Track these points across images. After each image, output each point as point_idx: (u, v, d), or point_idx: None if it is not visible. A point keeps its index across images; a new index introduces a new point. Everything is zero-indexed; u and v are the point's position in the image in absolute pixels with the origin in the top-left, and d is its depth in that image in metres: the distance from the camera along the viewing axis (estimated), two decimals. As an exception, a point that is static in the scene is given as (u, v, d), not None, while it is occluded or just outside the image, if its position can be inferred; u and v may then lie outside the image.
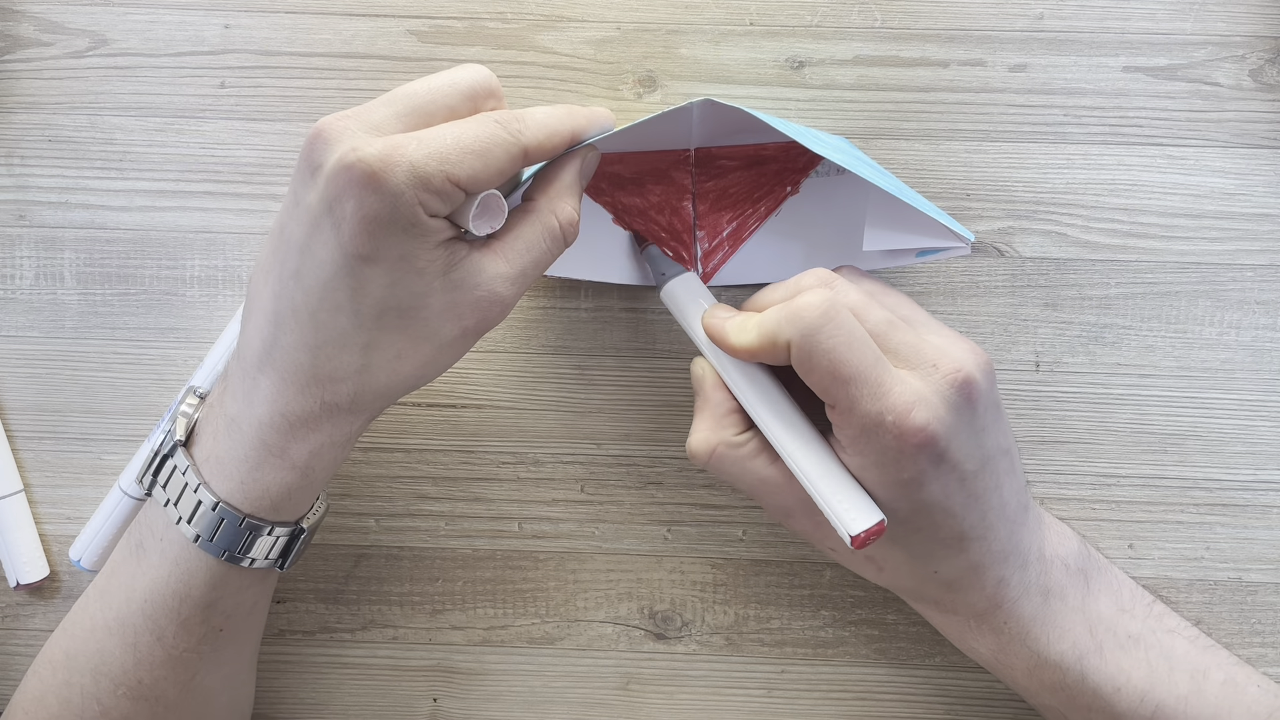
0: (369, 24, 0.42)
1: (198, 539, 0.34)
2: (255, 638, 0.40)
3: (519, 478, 0.43)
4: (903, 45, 0.42)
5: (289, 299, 0.32)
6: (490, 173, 0.32)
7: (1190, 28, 0.42)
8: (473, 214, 0.32)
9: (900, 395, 0.33)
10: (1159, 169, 0.42)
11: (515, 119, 0.33)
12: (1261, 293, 0.42)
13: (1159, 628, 0.38)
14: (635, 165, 0.41)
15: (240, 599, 0.36)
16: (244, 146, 0.43)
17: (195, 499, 0.34)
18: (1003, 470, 0.36)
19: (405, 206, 0.30)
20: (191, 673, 0.36)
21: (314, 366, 0.33)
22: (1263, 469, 0.43)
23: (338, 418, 0.34)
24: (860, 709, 0.44)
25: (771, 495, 0.37)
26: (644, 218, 0.42)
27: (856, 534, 0.33)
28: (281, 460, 0.34)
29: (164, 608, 0.35)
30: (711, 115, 0.38)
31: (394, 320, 0.32)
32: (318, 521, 0.38)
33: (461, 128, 0.32)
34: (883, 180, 0.37)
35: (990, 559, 0.36)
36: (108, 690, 0.36)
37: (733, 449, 0.36)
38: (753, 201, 0.42)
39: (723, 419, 0.37)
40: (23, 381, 0.43)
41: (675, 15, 0.42)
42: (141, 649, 0.36)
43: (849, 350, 0.33)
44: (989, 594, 0.37)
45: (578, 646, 0.44)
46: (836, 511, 0.34)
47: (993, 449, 0.36)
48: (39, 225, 0.43)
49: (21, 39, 0.42)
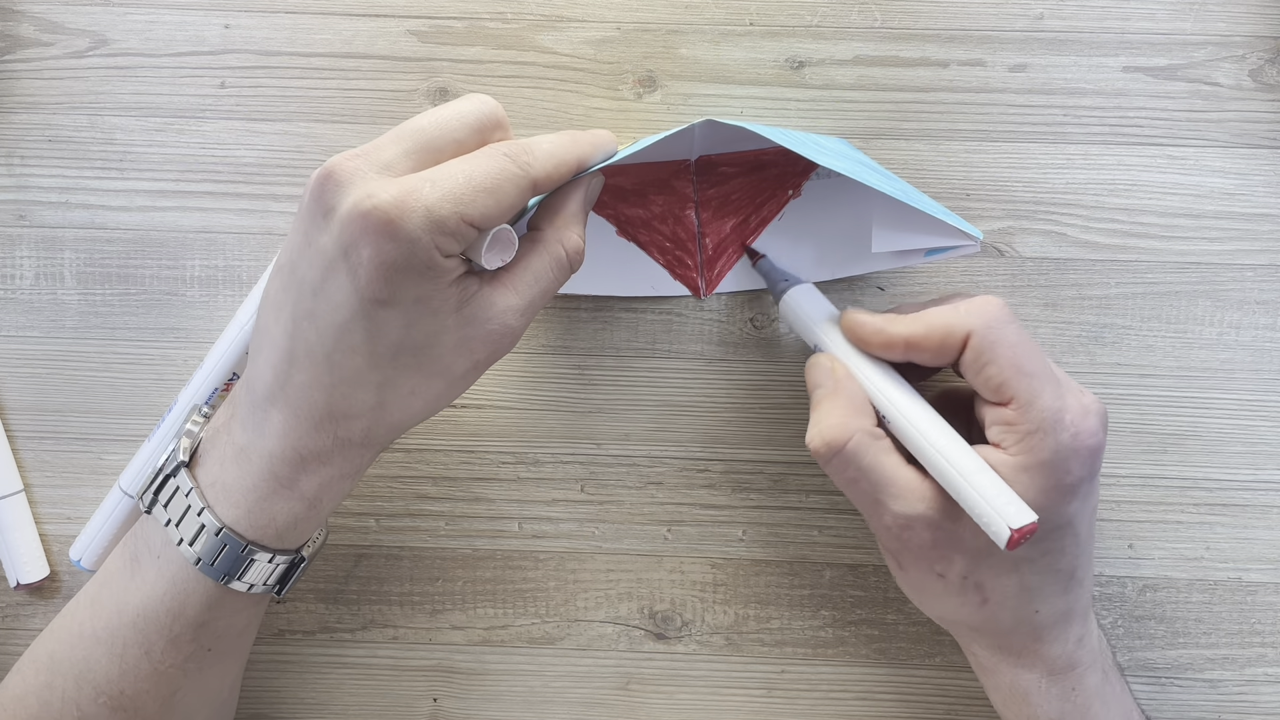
0: (369, 24, 0.42)
1: (198, 562, 0.34)
2: (241, 659, 0.40)
3: (519, 478, 0.43)
4: (903, 45, 0.42)
5: (303, 339, 0.32)
6: (502, 209, 0.32)
7: (1190, 28, 0.42)
8: (485, 249, 0.32)
9: (1078, 398, 0.34)
10: (1159, 169, 0.42)
11: (524, 151, 0.32)
12: (1261, 293, 0.42)
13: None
14: (637, 176, 0.41)
15: (233, 621, 0.36)
16: (244, 146, 0.43)
17: (199, 523, 0.34)
18: (1094, 525, 0.37)
19: (422, 251, 0.30)
20: (174, 688, 0.36)
21: (328, 405, 0.33)
22: (1263, 469, 0.43)
23: (349, 452, 0.34)
24: (860, 709, 0.44)
25: (897, 499, 0.35)
26: (647, 228, 0.42)
27: (1018, 527, 0.32)
28: (291, 492, 0.34)
29: (156, 624, 0.35)
30: (712, 130, 0.38)
31: (409, 359, 0.32)
32: (317, 550, 0.38)
33: (472, 165, 0.31)
34: (886, 184, 0.37)
35: (1079, 610, 0.37)
36: (89, 697, 0.36)
37: (873, 439, 0.35)
38: (755, 206, 0.42)
39: (860, 408, 0.35)
40: (23, 381, 0.43)
41: (675, 15, 0.42)
42: (128, 661, 0.35)
43: (1031, 346, 0.34)
44: (1069, 651, 0.37)
45: (578, 646, 0.44)
46: (995, 506, 0.33)
47: (1098, 498, 0.36)
48: (39, 225, 0.43)
49: (21, 39, 0.42)
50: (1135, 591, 0.43)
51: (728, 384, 0.43)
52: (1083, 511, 0.35)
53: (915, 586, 0.38)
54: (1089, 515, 0.36)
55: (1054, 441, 0.33)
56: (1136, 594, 0.43)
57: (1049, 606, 0.36)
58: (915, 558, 0.36)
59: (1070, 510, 0.34)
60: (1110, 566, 0.43)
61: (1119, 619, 0.43)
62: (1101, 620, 0.43)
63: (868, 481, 0.35)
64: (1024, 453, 0.34)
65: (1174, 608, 0.43)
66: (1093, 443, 0.34)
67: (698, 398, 0.43)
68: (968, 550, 0.35)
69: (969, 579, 0.36)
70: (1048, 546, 0.35)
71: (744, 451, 0.43)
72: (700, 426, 0.43)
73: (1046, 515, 0.34)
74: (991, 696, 0.39)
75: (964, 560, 0.35)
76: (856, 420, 0.35)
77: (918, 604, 0.39)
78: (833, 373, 0.36)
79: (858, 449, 0.35)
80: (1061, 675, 0.37)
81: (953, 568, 0.36)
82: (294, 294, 0.32)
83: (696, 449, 0.43)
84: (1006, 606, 0.36)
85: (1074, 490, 0.34)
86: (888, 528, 0.36)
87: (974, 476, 0.33)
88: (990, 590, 0.36)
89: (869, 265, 0.40)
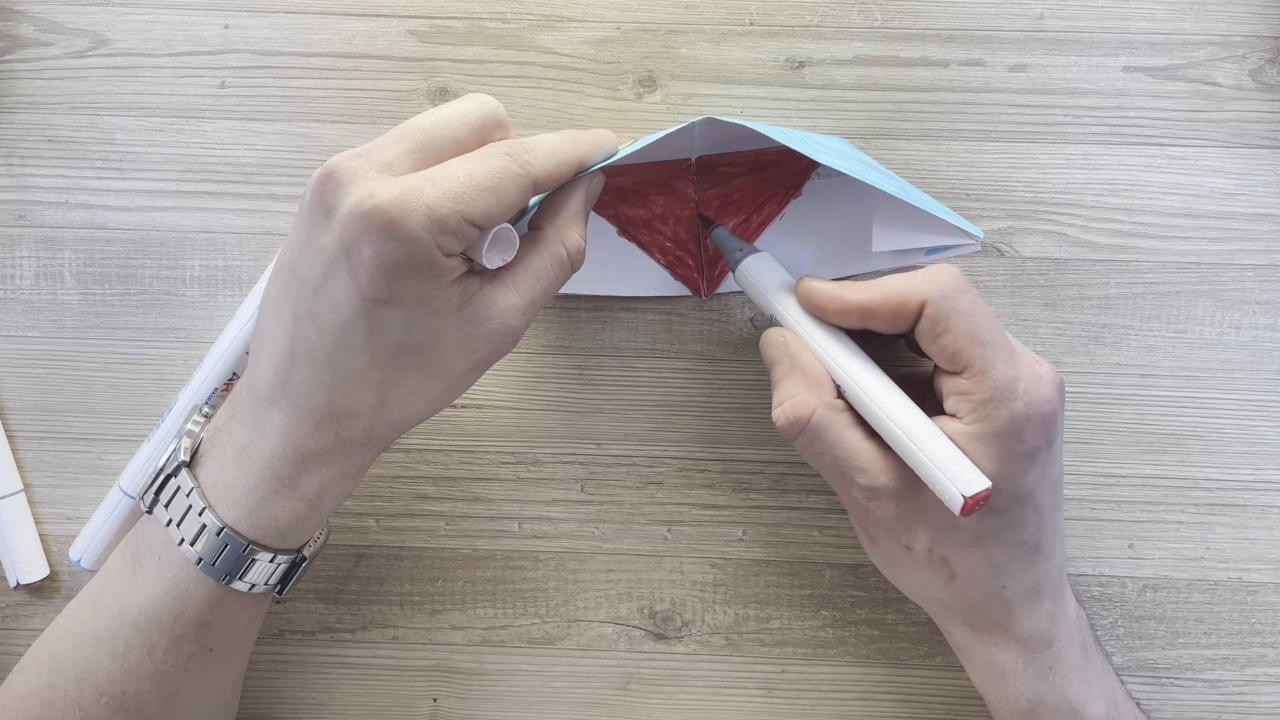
0: (369, 24, 0.42)
1: (200, 562, 0.34)
2: (243, 659, 0.40)
3: (519, 478, 0.43)
4: (903, 45, 0.42)
5: (304, 339, 0.32)
6: (503, 207, 0.32)
7: (1190, 28, 0.42)
8: (486, 248, 0.32)
9: (1031, 367, 0.34)
10: (1159, 169, 0.42)
11: (524, 150, 0.33)
12: (1261, 293, 0.42)
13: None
14: (637, 176, 0.41)
15: (234, 620, 0.36)
16: (244, 146, 0.43)
17: (200, 522, 0.34)
18: (1060, 498, 0.37)
19: (423, 250, 0.30)
20: (175, 688, 0.36)
21: (329, 404, 0.33)
22: (1263, 469, 0.43)
23: (350, 451, 0.34)
24: (860, 709, 0.44)
25: (861, 471, 0.35)
26: (648, 228, 0.42)
27: (971, 494, 0.32)
28: (292, 491, 0.34)
29: (158, 624, 0.35)
30: (712, 129, 0.38)
31: (410, 358, 0.32)
32: (318, 550, 0.38)
33: (473, 164, 0.31)
34: (887, 183, 0.37)
35: (1049, 585, 0.37)
36: (91, 698, 0.36)
37: (834, 412, 0.35)
38: (756, 206, 0.42)
39: (818, 381, 0.36)
40: (23, 381, 0.43)
41: (675, 15, 0.42)
42: (130, 661, 0.35)
43: (986, 315, 0.34)
44: (1043, 628, 0.37)
45: (578, 646, 0.44)
46: (949, 474, 0.33)
47: (1060, 470, 0.36)
48: (39, 225, 0.43)
49: (21, 39, 0.42)
50: (1135, 591, 0.43)
51: (728, 384, 0.43)
52: (1042, 482, 0.35)
53: (885, 560, 0.38)
54: (1050, 487, 0.36)
55: (1008, 410, 0.33)
56: (1136, 594, 0.43)
57: (1016, 581, 0.36)
58: (882, 530, 0.37)
59: (1029, 480, 0.34)
60: (1110, 566, 0.43)
61: (1119, 619, 0.43)
62: (1101, 620, 0.43)
63: (831, 456, 0.35)
64: (978, 421, 0.34)
65: (1174, 608, 0.43)
66: (1046, 410, 0.34)
67: (698, 398, 0.43)
68: (932, 523, 0.35)
69: (934, 552, 0.36)
70: (1009, 519, 0.35)
71: (744, 451, 0.43)
72: (700, 426, 0.43)
73: (1004, 485, 0.34)
74: (972, 678, 0.39)
75: (928, 533, 0.36)
76: (816, 395, 0.35)
77: (890, 579, 0.39)
78: (788, 348, 0.36)
79: (820, 423, 0.35)
80: (1038, 653, 0.37)
81: (918, 540, 0.36)
82: (295, 293, 0.32)
83: (696, 449, 0.43)
84: (974, 581, 0.36)
85: (1030, 459, 0.34)
86: (855, 500, 0.36)
87: (928, 444, 0.33)
88: (956, 565, 0.36)
89: (870, 265, 0.40)
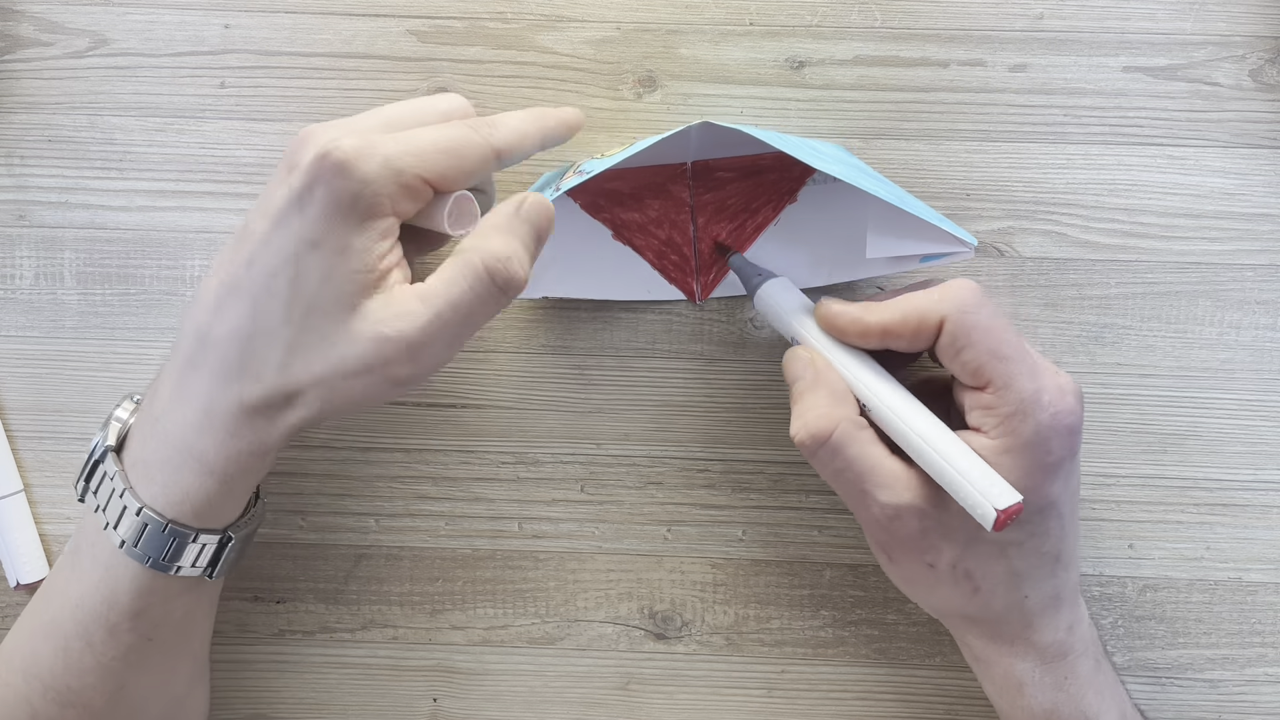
0: (369, 24, 0.42)
1: (123, 545, 0.34)
2: (192, 652, 0.39)
3: (519, 478, 0.43)
4: (903, 45, 0.42)
5: (234, 283, 0.33)
6: (461, 172, 0.33)
7: (1190, 28, 0.42)
8: (447, 213, 0.33)
9: (1053, 378, 0.35)
10: (1159, 169, 0.42)
11: (486, 124, 0.34)
12: (1261, 293, 0.42)
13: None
14: (633, 180, 0.41)
15: (169, 608, 0.36)
16: (244, 146, 0.43)
17: (121, 504, 0.34)
18: (1078, 507, 0.37)
19: (371, 191, 0.31)
20: (120, 682, 0.36)
21: (240, 359, 0.33)
22: (1263, 469, 0.43)
23: (255, 421, 0.33)
24: (860, 709, 0.44)
25: (884, 488, 0.35)
26: (643, 232, 0.42)
27: (1003, 508, 0.32)
28: (200, 465, 0.34)
29: (93, 614, 0.35)
30: (709, 133, 0.38)
31: (316, 323, 0.32)
32: (251, 531, 0.37)
33: (436, 130, 0.33)
34: (882, 189, 0.37)
35: (1067, 595, 0.37)
36: (38, 693, 0.36)
37: (858, 428, 0.35)
38: (751, 212, 0.42)
39: (842, 398, 0.35)
40: (23, 381, 0.43)
41: (675, 15, 0.42)
42: (72, 655, 0.35)
43: (1006, 328, 0.34)
44: (1061, 638, 0.37)
45: (578, 646, 0.44)
46: (980, 488, 0.33)
47: (1079, 480, 0.37)
48: (39, 225, 0.43)
49: (21, 39, 0.42)
50: (1135, 591, 0.43)
51: (728, 384, 0.43)
52: (1065, 492, 0.35)
53: (906, 578, 0.38)
54: (1071, 496, 0.36)
55: (1034, 422, 0.34)
56: (1136, 594, 0.43)
57: (1038, 591, 0.36)
58: (904, 549, 0.36)
59: (1053, 490, 0.35)
60: (1110, 566, 0.43)
61: (1119, 619, 0.43)
62: (1101, 620, 0.43)
63: (853, 472, 0.35)
64: (1004, 435, 0.34)
65: (1174, 608, 0.43)
66: (1071, 421, 0.34)
67: (698, 398, 0.43)
68: (956, 538, 0.35)
69: (958, 567, 0.36)
70: (1033, 529, 0.35)
71: (744, 451, 0.43)
72: (700, 426, 0.43)
73: (1030, 497, 0.34)
74: (987, 689, 0.39)
75: (952, 549, 0.35)
76: (840, 410, 0.35)
77: (910, 596, 0.39)
78: (812, 364, 0.36)
79: (843, 439, 0.35)
80: (1055, 663, 0.37)
81: (942, 557, 0.36)
82: (237, 245, 0.33)
83: (696, 449, 0.43)
84: (997, 593, 0.36)
85: (1056, 469, 0.34)
86: (875, 519, 0.36)
87: (957, 460, 0.33)
88: (980, 578, 0.36)
89: (865, 271, 0.40)
